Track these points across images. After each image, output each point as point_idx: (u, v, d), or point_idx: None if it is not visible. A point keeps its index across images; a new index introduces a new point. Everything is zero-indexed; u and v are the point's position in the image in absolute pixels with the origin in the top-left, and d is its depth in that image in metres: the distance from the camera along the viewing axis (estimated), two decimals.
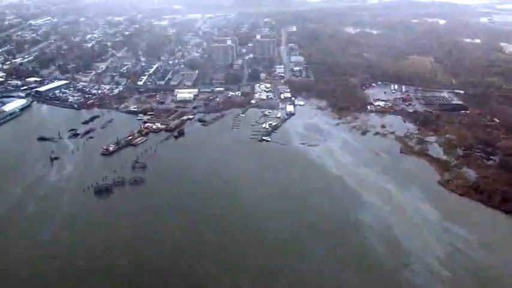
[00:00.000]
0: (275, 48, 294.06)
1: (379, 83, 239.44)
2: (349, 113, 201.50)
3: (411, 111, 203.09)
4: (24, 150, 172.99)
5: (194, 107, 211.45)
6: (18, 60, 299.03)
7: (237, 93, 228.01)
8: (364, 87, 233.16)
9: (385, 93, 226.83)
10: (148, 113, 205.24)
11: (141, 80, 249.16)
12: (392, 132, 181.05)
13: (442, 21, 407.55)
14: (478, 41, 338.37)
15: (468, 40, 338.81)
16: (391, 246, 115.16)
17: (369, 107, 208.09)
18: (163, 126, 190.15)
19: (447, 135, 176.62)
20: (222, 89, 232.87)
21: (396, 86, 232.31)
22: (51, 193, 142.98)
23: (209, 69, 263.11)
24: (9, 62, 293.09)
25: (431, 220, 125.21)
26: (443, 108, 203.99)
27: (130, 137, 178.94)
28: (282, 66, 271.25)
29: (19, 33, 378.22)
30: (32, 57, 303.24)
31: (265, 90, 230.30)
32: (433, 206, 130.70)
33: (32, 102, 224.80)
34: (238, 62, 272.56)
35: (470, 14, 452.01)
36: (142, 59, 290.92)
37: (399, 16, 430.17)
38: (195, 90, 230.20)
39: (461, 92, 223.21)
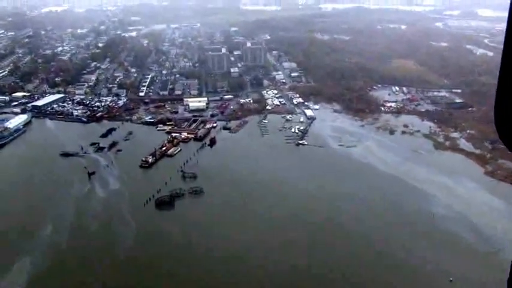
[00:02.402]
0: (266, 55, 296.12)
1: (379, 85, 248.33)
2: (366, 114, 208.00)
3: (423, 110, 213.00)
4: (51, 167, 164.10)
5: (212, 115, 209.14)
6: None
7: (248, 100, 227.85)
8: (367, 90, 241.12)
9: (389, 94, 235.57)
10: (168, 123, 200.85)
11: (142, 91, 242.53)
12: (418, 131, 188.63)
13: (403, 27, 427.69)
14: (444, 44, 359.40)
15: (434, 44, 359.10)
16: (475, 233, 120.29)
17: (382, 108, 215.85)
18: (191, 136, 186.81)
19: (468, 131, 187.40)
20: (231, 96, 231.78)
21: (397, 88, 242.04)
22: (109, 210, 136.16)
23: (208, 77, 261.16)
24: None
25: (499, 208, 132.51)
26: (451, 107, 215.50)
27: (164, 148, 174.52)
28: (280, 72, 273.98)
29: None
30: (6, 72, 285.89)
31: (275, 97, 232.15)
32: (493, 195, 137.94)
33: (32, 117, 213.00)
34: (235, 70, 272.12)
35: (425, 20, 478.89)
36: (132, 69, 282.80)
37: (361, 23, 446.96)
38: (205, 99, 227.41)
39: (459, 91, 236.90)
